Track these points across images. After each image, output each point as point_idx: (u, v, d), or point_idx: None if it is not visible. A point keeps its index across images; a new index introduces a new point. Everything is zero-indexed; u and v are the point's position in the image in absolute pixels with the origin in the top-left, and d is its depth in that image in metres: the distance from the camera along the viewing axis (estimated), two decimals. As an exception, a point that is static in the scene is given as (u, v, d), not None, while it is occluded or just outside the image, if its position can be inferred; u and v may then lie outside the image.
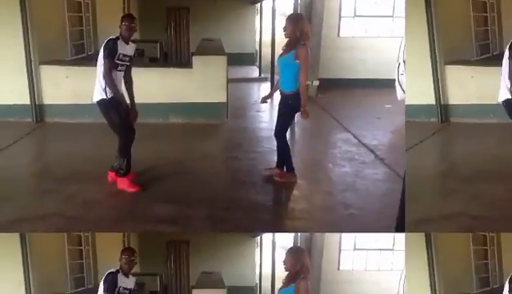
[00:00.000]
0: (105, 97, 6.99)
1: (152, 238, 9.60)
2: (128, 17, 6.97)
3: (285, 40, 6.93)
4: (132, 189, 6.67)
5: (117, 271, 6.71)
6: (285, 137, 7.04)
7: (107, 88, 6.96)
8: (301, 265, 5.90)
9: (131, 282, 6.80)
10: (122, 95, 7.09)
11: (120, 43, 6.74)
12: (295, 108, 7.16)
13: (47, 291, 8.72)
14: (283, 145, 7.06)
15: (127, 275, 6.69)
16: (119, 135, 7.46)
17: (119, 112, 7.02)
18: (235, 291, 10.37)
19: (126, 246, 9.01)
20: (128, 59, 7.16)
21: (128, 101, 6.98)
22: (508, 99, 6.94)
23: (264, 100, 7.37)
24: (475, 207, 6.58)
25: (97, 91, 7.13)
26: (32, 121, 9.92)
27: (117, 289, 6.47)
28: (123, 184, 6.70)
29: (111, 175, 7.24)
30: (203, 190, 6.92)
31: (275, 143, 7.12)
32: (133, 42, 6.90)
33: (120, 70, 6.90)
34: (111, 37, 6.99)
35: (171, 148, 8.37)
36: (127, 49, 6.83)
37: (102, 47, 7.00)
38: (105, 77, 6.84)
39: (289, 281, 5.69)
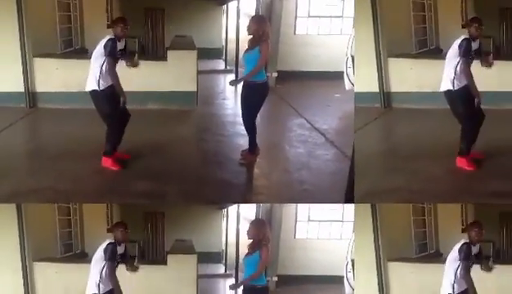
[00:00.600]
0: (97, 88, 6.98)
1: (132, 210, 9.56)
2: (123, 20, 7.11)
3: (248, 37, 7.01)
4: (114, 168, 6.77)
5: (115, 242, 6.83)
6: (255, 123, 7.21)
7: (101, 80, 6.99)
8: (263, 235, 6.23)
9: (121, 249, 6.92)
10: (121, 88, 7.20)
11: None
12: (263, 95, 7.29)
13: (40, 256, 8.78)
14: (253, 130, 7.21)
15: (120, 244, 6.86)
16: (106, 123, 7.51)
17: (110, 103, 7.03)
18: (204, 256, 10.47)
19: (109, 216, 9.06)
20: (120, 53, 7.24)
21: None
22: (449, 89, 7.17)
23: (233, 84, 8.09)
24: (415, 181, 6.81)
25: (90, 81, 7.15)
26: (26, 107, 9.84)
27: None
28: (107, 162, 6.79)
29: (105, 160, 7.29)
30: (176, 169, 7.07)
31: (239, 127, 7.32)
32: (120, 38, 7.16)
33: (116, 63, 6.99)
34: (110, 37, 7.02)
35: (148, 131, 8.41)
36: (120, 45, 6.91)
37: (102, 45, 7.02)
38: (109, 74, 6.85)
39: (253, 248, 5.99)
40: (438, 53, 9.56)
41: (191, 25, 12.25)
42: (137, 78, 9.47)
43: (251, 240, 6.38)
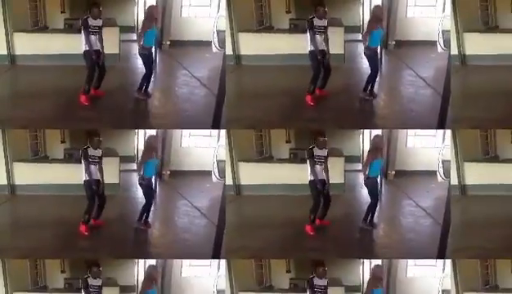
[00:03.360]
0: (87, 49, 11.55)
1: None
2: (97, 4, 11.58)
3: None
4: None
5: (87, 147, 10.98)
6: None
7: (85, 45, 11.44)
8: None
9: (98, 152, 11.14)
10: (97, 50, 11.59)
11: (90, 20, 11.49)
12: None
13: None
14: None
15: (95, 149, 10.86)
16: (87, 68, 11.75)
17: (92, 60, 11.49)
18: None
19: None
20: (97, 28, 11.39)
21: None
22: (311, 50, 11.27)
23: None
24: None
25: (83, 45, 11.63)
26: (8, 63, 12.44)
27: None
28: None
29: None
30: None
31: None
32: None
33: (94, 34, 11.47)
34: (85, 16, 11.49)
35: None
36: (96, 22, 11.39)
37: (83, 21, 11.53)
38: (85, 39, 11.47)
39: None
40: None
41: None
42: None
43: None
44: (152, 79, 12.21)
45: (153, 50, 11.97)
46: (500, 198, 12.39)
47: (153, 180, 12.22)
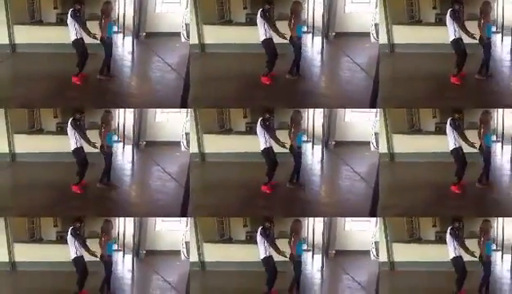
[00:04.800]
0: (76, 37, 13.03)
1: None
2: (80, 2, 12.71)
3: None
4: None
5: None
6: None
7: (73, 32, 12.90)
8: None
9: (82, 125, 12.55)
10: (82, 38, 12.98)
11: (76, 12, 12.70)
12: None
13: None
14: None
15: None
16: (78, 54, 12.92)
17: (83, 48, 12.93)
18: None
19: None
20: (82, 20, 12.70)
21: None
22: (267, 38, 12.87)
23: None
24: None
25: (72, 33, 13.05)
26: (9, 51, 13.54)
27: None
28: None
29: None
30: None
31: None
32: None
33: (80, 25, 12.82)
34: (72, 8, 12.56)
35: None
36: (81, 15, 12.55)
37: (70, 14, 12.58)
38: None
39: None
40: None
41: None
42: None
43: None
44: (129, 65, 13.79)
45: (111, 39, 13.34)
46: (422, 165, 13.78)
47: (112, 149, 13.64)
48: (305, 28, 13.53)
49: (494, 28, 13.96)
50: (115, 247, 13.91)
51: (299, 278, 13.78)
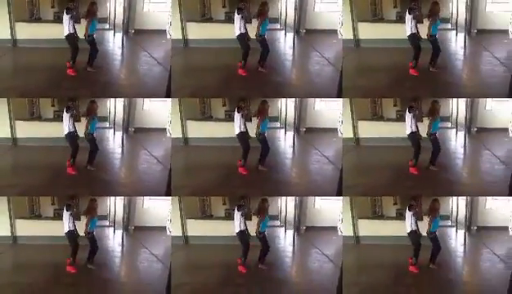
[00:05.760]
0: (69, 32, 13.65)
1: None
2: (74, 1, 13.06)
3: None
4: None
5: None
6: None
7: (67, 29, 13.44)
8: None
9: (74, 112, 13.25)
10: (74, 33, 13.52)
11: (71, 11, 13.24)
12: None
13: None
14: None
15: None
16: (71, 47, 13.49)
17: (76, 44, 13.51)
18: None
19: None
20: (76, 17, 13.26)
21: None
22: (241, 32, 13.25)
23: None
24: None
25: (65, 29, 13.60)
26: (11, 45, 14.20)
27: None
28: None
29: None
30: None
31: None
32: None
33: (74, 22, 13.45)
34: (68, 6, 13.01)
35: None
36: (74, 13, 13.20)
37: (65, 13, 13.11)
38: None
39: None
40: None
41: None
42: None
43: None
44: (119, 59, 14.44)
45: (94, 36, 13.99)
46: (385, 148, 14.52)
47: (94, 135, 14.35)
48: (271, 26, 14.48)
49: (449, 26, 14.86)
50: (106, 223, 14.84)
51: (266, 251, 14.68)
